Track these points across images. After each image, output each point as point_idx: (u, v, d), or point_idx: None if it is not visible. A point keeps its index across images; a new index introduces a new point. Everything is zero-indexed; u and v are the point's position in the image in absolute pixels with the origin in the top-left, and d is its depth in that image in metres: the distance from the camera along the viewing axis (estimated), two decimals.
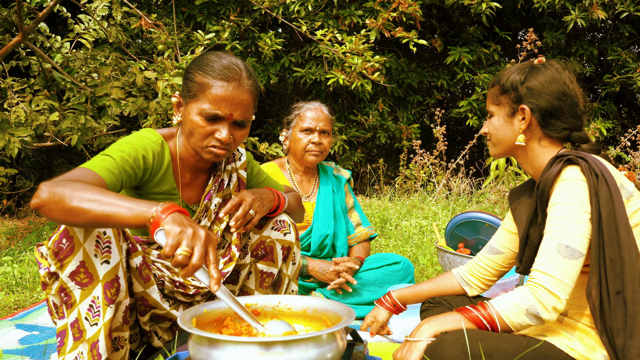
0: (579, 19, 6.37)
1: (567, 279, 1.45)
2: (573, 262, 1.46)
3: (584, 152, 1.57)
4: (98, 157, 1.61)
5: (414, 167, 6.06)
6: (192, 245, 1.27)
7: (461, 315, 1.56)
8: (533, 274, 1.49)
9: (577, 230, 1.48)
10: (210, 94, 1.68)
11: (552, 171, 1.56)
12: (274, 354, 1.19)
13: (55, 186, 1.38)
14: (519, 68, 1.73)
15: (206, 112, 1.68)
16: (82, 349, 1.50)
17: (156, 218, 1.32)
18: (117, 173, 1.59)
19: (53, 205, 1.36)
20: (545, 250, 1.50)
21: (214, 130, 1.71)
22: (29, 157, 8.49)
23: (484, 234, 3.06)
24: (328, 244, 2.84)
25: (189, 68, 1.77)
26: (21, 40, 3.82)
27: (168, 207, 1.34)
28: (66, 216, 1.36)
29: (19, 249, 3.93)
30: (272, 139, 7.32)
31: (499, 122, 1.73)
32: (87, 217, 1.35)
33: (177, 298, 1.82)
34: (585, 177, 1.51)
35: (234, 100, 1.69)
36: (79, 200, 1.35)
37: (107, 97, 3.86)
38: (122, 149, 1.65)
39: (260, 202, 1.86)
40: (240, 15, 6.38)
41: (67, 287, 1.49)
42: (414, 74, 7.31)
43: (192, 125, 1.71)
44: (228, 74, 1.70)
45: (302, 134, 2.83)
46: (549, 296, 1.45)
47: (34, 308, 2.76)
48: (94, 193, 1.37)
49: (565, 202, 1.51)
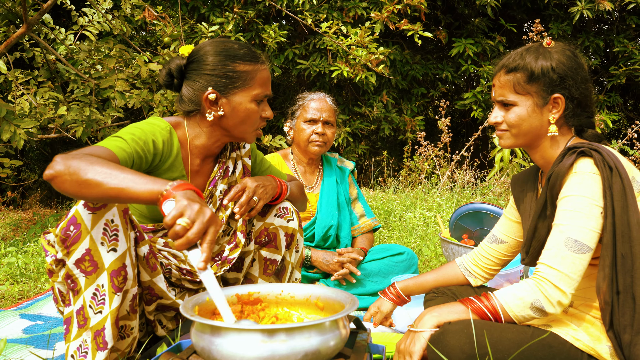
0: (585, 10, 6.33)
1: (574, 273, 1.44)
2: (581, 256, 1.44)
3: (597, 144, 1.52)
4: (110, 138, 1.61)
5: (418, 159, 6.05)
6: (194, 219, 1.26)
7: (464, 306, 1.55)
8: (539, 267, 1.48)
9: (588, 225, 1.45)
10: (259, 78, 1.81)
11: (565, 164, 1.51)
12: (276, 341, 1.18)
13: (71, 158, 1.38)
14: (537, 53, 1.62)
15: (260, 96, 1.81)
16: (86, 336, 1.50)
17: (167, 193, 1.32)
18: (129, 152, 1.59)
19: (67, 176, 1.36)
20: (553, 243, 1.47)
21: (261, 110, 1.83)
22: (34, 149, 8.51)
23: (488, 225, 3.05)
24: (332, 235, 2.83)
25: (220, 62, 1.77)
26: (25, 32, 3.82)
27: (182, 184, 1.34)
28: (79, 188, 1.36)
29: (24, 240, 3.94)
30: (276, 131, 7.31)
31: (526, 113, 1.61)
32: (100, 189, 1.35)
33: (184, 285, 1.83)
34: (598, 170, 1.47)
35: (269, 79, 1.85)
36: (94, 172, 1.35)
37: (111, 89, 3.86)
38: (132, 132, 1.66)
39: (263, 189, 1.87)
40: (244, 7, 6.36)
41: (73, 274, 1.50)
42: (419, 66, 7.28)
43: (248, 113, 1.80)
44: (259, 56, 1.83)
45: (305, 124, 2.83)
46: (554, 290, 1.43)
47: (38, 298, 2.77)
48: (110, 167, 1.37)
49: (577, 196, 1.47)
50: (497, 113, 1.67)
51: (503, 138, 1.68)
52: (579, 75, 1.59)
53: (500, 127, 1.67)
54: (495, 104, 1.69)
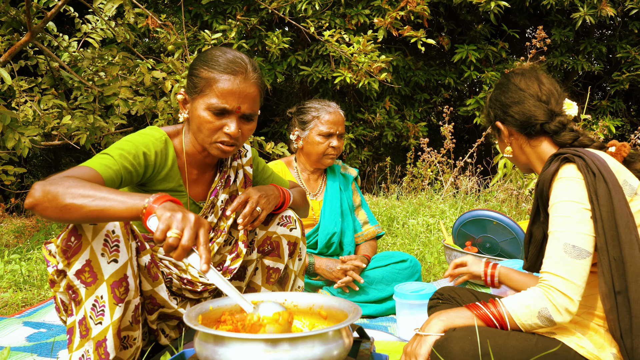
0: (588, 16, 6.33)
1: (578, 279, 1.44)
2: (582, 261, 1.45)
3: (582, 150, 1.55)
4: (97, 156, 1.62)
5: (421, 165, 6.05)
6: (182, 227, 1.28)
7: (471, 312, 1.55)
8: (544, 275, 1.48)
9: (581, 229, 1.47)
10: (217, 88, 1.68)
11: (550, 170, 1.56)
12: (279, 351, 1.18)
13: (49, 185, 1.39)
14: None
15: (214, 106, 1.68)
16: (88, 347, 1.50)
17: (148, 209, 1.33)
18: (115, 169, 1.59)
19: (47, 203, 1.37)
20: (553, 251, 1.48)
21: (222, 125, 1.71)
22: (37, 156, 8.53)
23: (491, 232, 3.05)
24: (335, 242, 2.83)
25: (193, 64, 1.77)
26: (29, 39, 3.84)
27: (160, 197, 1.35)
28: (60, 213, 1.37)
29: (27, 247, 3.94)
30: (279, 137, 7.32)
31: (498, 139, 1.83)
32: (80, 212, 1.36)
33: (185, 295, 1.82)
34: (582, 175, 1.50)
35: (241, 94, 1.70)
36: (72, 196, 1.36)
37: (115, 96, 3.87)
38: (121, 147, 1.65)
39: (266, 199, 1.86)
40: (246, 13, 6.39)
41: (74, 285, 1.50)
42: (421, 72, 7.29)
43: (200, 121, 1.71)
44: (234, 68, 1.70)
45: (321, 137, 2.81)
46: (562, 298, 1.43)
47: (41, 306, 2.77)
48: (87, 189, 1.38)
49: (565, 201, 1.50)
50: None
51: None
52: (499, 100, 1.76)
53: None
54: None
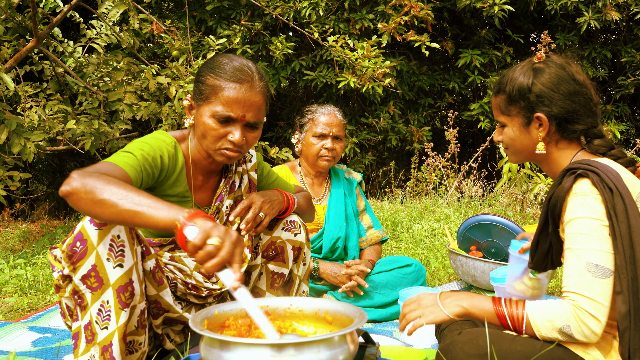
0: (592, 21, 6.32)
1: (605, 300, 1.41)
2: (606, 281, 1.42)
3: (597, 164, 1.51)
4: (121, 154, 1.62)
5: (425, 170, 6.04)
6: (224, 238, 1.28)
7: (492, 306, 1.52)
8: (570, 295, 1.44)
9: (602, 247, 1.44)
10: (222, 96, 1.69)
11: (564, 186, 1.51)
12: (285, 356, 1.18)
13: (88, 176, 1.39)
14: (521, 71, 1.64)
15: (219, 114, 1.69)
16: (94, 351, 1.50)
17: (184, 221, 1.32)
18: (139, 170, 1.60)
19: (83, 194, 1.37)
20: (575, 269, 1.45)
21: (226, 132, 1.71)
22: (42, 161, 8.56)
23: (496, 236, 3.04)
24: (340, 247, 2.83)
25: (200, 71, 1.77)
26: (35, 45, 3.86)
27: (197, 212, 1.35)
28: (94, 207, 1.37)
29: (32, 252, 3.95)
30: (283, 142, 7.33)
31: (513, 133, 1.67)
32: (114, 210, 1.36)
33: (189, 300, 1.82)
34: (598, 191, 1.46)
35: (247, 102, 1.70)
36: (110, 193, 1.36)
37: (120, 101, 3.89)
38: (142, 148, 1.66)
39: (269, 205, 1.86)
40: (250, 19, 6.40)
41: (80, 290, 1.50)
42: (425, 77, 7.29)
43: (205, 128, 1.71)
44: (240, 76, 1.70)
45: (315, 139, 2.83)
46: (590, 320, 1.41)
47: (46, 310, 2.77)
48: (126, 189, 1.38)
49: (583, 218, 1.46)
50: (498, 132, 1.73)
51: (507, 155, 1.75)
52: (560, 91, 1.59)
53: (503, 145, 1.73)
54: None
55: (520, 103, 1.62)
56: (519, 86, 1.62)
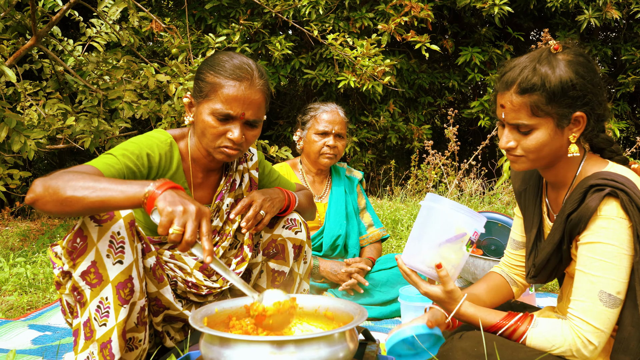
0: (593, 19, 6.32)
1: (608, 328, 1.41)
2: (615, 310, 1.40)
3: (621, 178, 1.40)
4: (101, 156, 1.63)
5: (425, 168, 6.04)
6: (184, 221, 1.29)
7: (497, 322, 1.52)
8: (575, 320, 1.43)
9: (619, 277, 1.39)
10: (222, 93, 1.69)
11: (589, 206, 1.39)
12: (285, 352, 1.18)
13: (49, 180, 1.40)
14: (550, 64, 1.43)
15: (218, 111, 1.69)
16: (93, 348, 1.50)
17: (150, 197, 1.33)
18: (118, 167, 1.60)
19: (47, 197, 1.38)
20: (586, 295, 1.42)
21: (226, 130, 1.71)
22: (42, 160, 8.55)
23: (496, 234, 3.04)
24: (340, 245, 2.83)
25: (200, 68, 1.77)
26: (35, 44, 3.85)
27: (161, 184, 1.36)
28: (61, 207, 1.38)
29: (32, 250, 3.95)
30: (283, 141, 7.32)
31: (547, 137, 1.45)
32: (81, 204, 1.37)
33: (189, 298, 1.82)
34: (627, 216, 1.37)
35: (246, 100, 1.70)
36: (73, 189, 1.37)
37: (119, 100, 3.88)
38: (125, 147, 1.67)
39: (270, 203, 1.86)
40: (250, 17, 6.40)
41: (79, 287, 1.50)
42: (425, 75, 7.28)
43: (204, 126, 1.71)
44: (240, 74, 1.70)
45: (317, 136, 2.82)
46: (588, 347, 1.41)
47: (46, 309, 2.77)
48: (87, 181, 1.38)
49: (605, 244, 1.39)
50: (510, 137, 1.50)
51: (518, 163, 1.52)
52: (597, 86, 1.45)
53: (515, 152, 1.51)
54: (505, 125, 1.51)
55: (562, 102, 1.42)
56: (562, 81, 1.41)
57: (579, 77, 1.42)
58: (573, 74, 1.42)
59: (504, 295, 1.78)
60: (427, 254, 1.54)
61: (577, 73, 1.43)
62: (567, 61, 1.44)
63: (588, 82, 1.43)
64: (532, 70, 1.44)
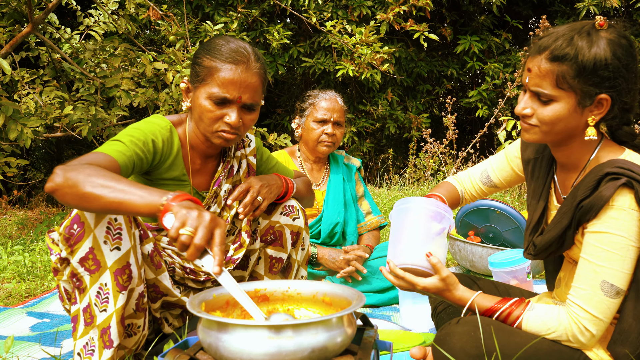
0: (592, 6, 6.29)
1: (607, 317, 1.40)
2: (616, 300, 1.40)
3: (638, 168, 1.36)
4: (109, 142, 1.61)
5: (423, 157, 6.04)
6: (196, 225, 1.25)
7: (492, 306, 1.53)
8: (574, 307, 1.42)
9: (623, 268, 1.38)
10: (218, 77, 1.68)
11: (602, 195, 1.36)
12: (283, 337, 1.18)
13: (70, 170, 1.38)
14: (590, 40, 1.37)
15: (215, 95, 1.68)
16: (93, 334, 1.50)
17: (166, 206, 1.31)
18: (128, 155, 1.59)
19: (67, 189, 1.37)
20: (588, 284, 1.41)
21: (223, 114, 1.70)
22: (39, 148, 8.54)
23: (494, 221, 3.05)
24: (338, 232, 2.83)
25: (196, 53, 1.76)
26: (31, 31, 3.83)
27: (179, 195, 1.33)
28: (79, 201, 1.37)
29: (30, 239, 3.95)
30: (281, 129, 7.31)
31: (566, 111, 1.41)
32: (99, 203, 1.35)
33: (187, 284, 1.82)
34: (638, 207, 1.35)
35: (243, 83, 1.69)
36: (92, 185, 1.35)
37: (117, 88, 3.86)
38: (131, 134, 1.65)
39: (268, 189, 1.85)
40: (248, 5, 6.36)
41: (78, 273, 1.50)
42: (423, 63, 7.26)
43: (202, 110, 1.71)
44: (236, 57, 1.69)
45: (315, 124, 2.82)
46: (585, 334, 1.41)
47: (45, 296, 2.78)
48: (107, 179, 1.37)
49: (613, 234, 1.37)
50: (528, 104, 1.46)
51: (529, 132, 1.49)
52: (632, 73, 1.39)
53: (529, 120, 1.46)
54: (527, 91, 1.47)
55: (591, 79, 1.37)
56: (595, 58, 1.36)
57: (615, 58, 1.37)
58: (610, 53, 1.36)
59: (455, 206, 1.86)
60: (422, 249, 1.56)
61: (615, 54, 1.37)
62: (608, 39, 1.38)
63: (623, 66, 1.38)
64: (568, 40, 1.39)
